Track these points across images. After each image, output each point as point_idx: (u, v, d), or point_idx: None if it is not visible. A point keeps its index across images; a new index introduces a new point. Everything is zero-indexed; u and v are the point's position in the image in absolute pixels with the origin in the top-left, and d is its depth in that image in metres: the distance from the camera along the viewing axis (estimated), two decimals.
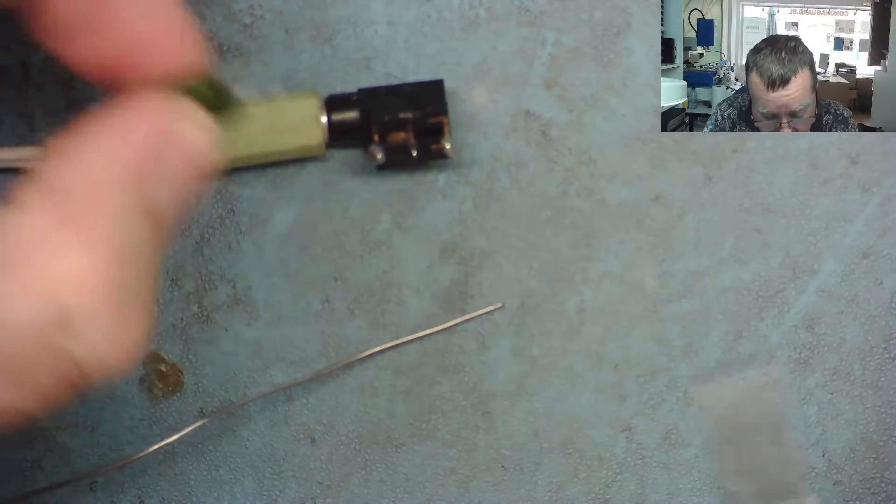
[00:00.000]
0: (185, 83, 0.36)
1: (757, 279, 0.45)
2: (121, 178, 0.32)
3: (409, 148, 0.42)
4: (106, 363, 0.31)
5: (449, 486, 0.45)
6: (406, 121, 0.42)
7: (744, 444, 0.39)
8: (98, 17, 0.34)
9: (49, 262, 0.30)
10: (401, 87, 0.43)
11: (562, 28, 0.44)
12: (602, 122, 0.44)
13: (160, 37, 0.35)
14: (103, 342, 0.31)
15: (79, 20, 0.34)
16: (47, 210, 0.31)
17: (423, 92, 0.42)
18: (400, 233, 0.44)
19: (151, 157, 0.33)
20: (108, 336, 0.31)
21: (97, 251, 0.31)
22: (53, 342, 0.30)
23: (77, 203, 0.31)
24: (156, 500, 0.44)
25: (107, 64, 0.35)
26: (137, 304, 0.32)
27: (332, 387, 0.44)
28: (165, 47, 0.35)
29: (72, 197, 0.31)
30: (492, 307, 0.44)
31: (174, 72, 0.35)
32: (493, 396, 0.45)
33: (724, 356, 0.45)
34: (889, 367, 0.45)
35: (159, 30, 0.35)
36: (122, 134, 0.33)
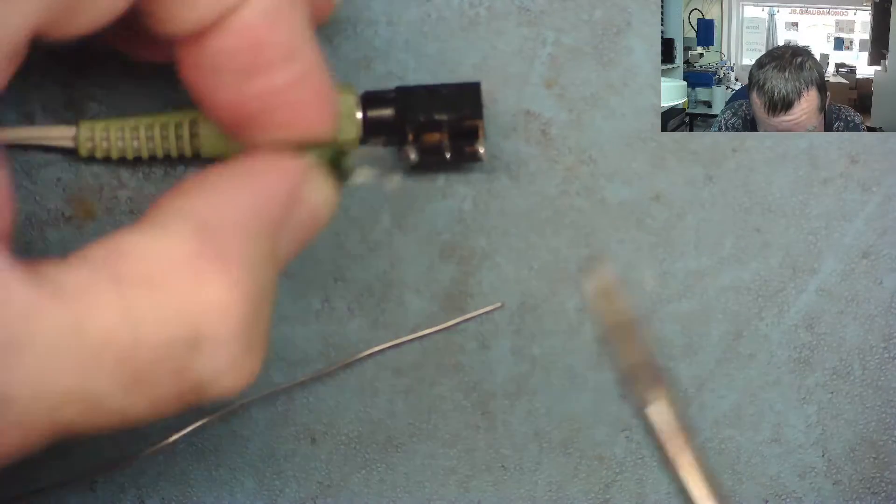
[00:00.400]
0: (316, 147, 0.37)
1: (757, 279, 0.45)
2: (260, 227, 0.34)
3: (443, 149, 0.42)
4: (223, 387, 0.33)
5: (449, 486, 0.45)
6: (441, 122, 0.42)
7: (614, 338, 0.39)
8: (255, 68, 0.35)
9: (191, 288, 0.32)
10: (438, 88, 0.42)
11: (562, 28, 0.44)
12: (602, 121, 0.44)
13: (307, 100, 0.36)
14: (227, 369, 0.33)
15: (235, 68, 0.35)
16: (191, 240, 0.33)
17: (459, 94, 0.42)
18: (400, 233, 0.44)
19: (285, 213, 0.36)
20: (232, 364, 0.33)
21: (236, 287, 0.33)
22: (181, 362, 0.32)
23: (221, 240, 0.33)
24: (156, 500, 0.44)
25: (248, 115, 0.36)
26: (259, 339, 0.34)
27: (332, 387, 0.44)
28: (310, 111, 0.37)
29: (217, 234, 0.33)
30: (492, 307, 0.44)
31: (309, 135, 0.37)
32: (493, 396, 0.45)
33: (724, 356, 0.45)
34: (889, 366, 0.45)
35: (308, 94, 0.36)
36: (264, 188, 0.36)
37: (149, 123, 0.42)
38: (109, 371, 0.31)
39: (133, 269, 0.32)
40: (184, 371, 0.32)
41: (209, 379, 0.33)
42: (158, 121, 0.42)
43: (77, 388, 0.31)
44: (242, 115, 0.36)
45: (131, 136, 0.42)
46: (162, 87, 0.44)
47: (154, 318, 0.32)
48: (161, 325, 0.32)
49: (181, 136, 0.42)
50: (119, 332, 0.31)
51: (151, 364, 0.32)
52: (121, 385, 0.31)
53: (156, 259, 0.32)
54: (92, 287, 0.31)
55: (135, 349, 0.31)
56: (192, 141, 0.42)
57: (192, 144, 0.42)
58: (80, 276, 0.32)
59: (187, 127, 0.42)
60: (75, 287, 0.31)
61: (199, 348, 0.32)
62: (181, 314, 0.32)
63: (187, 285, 0.32)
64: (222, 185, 0.35)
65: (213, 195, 0.35)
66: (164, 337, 0.32)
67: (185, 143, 0.42)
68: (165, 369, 0.32)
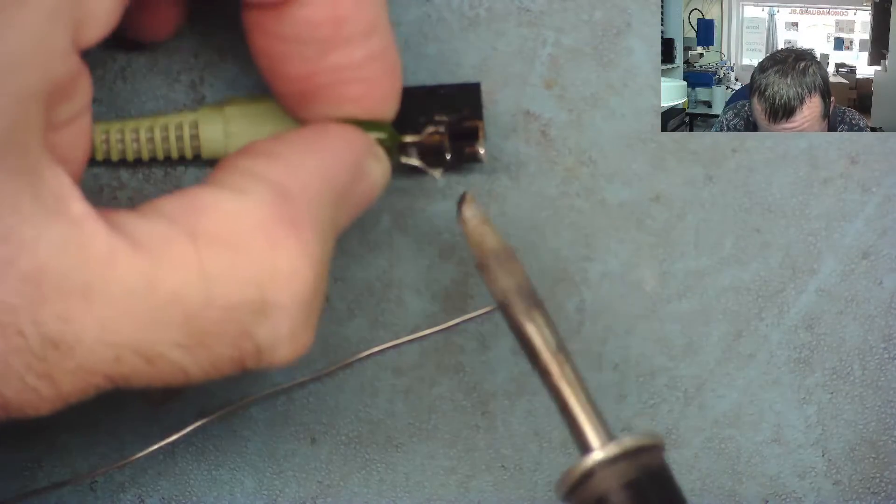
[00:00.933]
0: (374, 123, 0.38)
1: (757, 279, 0.45)
2: (330, 195, 0.35)
3: (444, 150, 0.42)
4: (278, 357, 0.34)
5: (449, 486, 0.45)
6: (441, 123, 0.42)
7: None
8: (336, 41, 0.36)
9: (265, 254, 0.32)
10: (437, 89, 0.42)
11: (562, 28, 0.44)
12: (602, 122, 0.44)
13: (379, 77, 0.37)
14: (285, 338, 0.33)
15: (316, 39, 0.36)
16: (269, 204, 0.33)
17: (459, 95, 0.42)
18: (400, 233, 0.44)
19: (350, 184, 0.36)
20: (291, 334, 0.33)
21: (306, 256, 0.33)
22: (245, 327, 0.32)
23: (297, 207, 0.33)
24: (156, 500, 0.44)
25: (319, 88, 0.37)
26: (316, 312, 0.34)
27: (332, 387, 0.44)
28: (380, 88, 0.38)
29: (293, 200, 0.33)
30: (491, 307, 0.44)
31: (375, 113, 0.38)
32: (493, 396, 0.45)
33: (724, 356, 0.45)
34: (889, 366, 0.45)
35: (380, 70, 0.37)
36: (336, 157, 0.36)
37: (149, 125, 0.42)
38: (175, 327, 0.31)
39: (211, 228, 0.32)
40: (245, 336, 0.33)
41: (268, 346, 0.33)
42: (158, 122, 0.42)
43: (141, 341, 0.31)
44: (313, 87, 0.37)
45: (131, 137, 0.42)
46: (161, 88, 0.44)
47: (227, 280, 0.32)
48: (233, 288, 0.32)
49: (181, 138, 0.42)
50: (191, 289, 0.31)
51: (216, 325, 0.32)
52: (183, 343, 0.32)
53: (234, 220, 0.32)
54: (169, 241, 0.32)
55: (204, 308, 0.32)
56: (192, 142, 0.42)
57: (192, 146, 0.42)
58: (157, 228, 0.32)
59: (187, 128, 0.42)
60: (152, 239, 0.32)
61: (264, 314, 0.33)
62: (253, 278, 0.32)
63: (262, 250, 0.32)
64: (297, 150, 0.36)
65: (288, 160, 0.35)
66: (234, 299, 0.32)
67: (186, 145, 0.42)
68: (229, 332, 0.32)
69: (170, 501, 0.44)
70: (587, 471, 0.36)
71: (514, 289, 0.38)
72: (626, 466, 0.36)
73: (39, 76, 0.30)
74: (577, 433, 0.37)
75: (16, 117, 0.29)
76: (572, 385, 0.37)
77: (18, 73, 0.29)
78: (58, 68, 0.30)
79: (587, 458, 0.36)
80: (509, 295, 0.38)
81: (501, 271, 0.38)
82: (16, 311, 0.30)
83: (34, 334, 0.30)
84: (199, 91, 0.44)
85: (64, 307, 0.30)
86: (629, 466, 0.36)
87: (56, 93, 0.31)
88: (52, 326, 0.30)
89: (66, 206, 0.31)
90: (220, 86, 0.44)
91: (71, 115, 0.32)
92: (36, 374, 0.30)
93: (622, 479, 0.35)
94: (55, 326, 0.30)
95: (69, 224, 0.30)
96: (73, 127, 0.32)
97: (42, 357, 0.30)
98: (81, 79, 0.32)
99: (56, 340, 0.30)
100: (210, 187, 0.34)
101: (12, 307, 0.30)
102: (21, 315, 0.30)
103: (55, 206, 0.30)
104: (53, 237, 0.30)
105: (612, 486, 0.35)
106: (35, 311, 0.30)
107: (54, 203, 0.30)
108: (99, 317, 0.31)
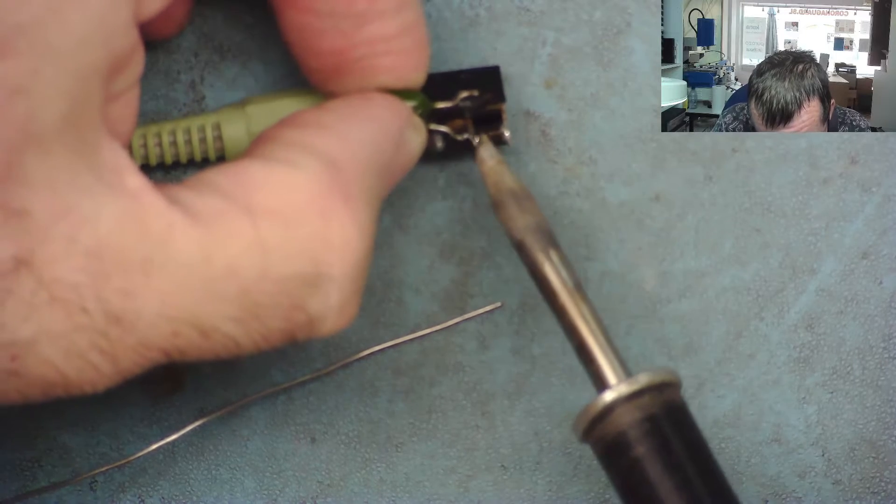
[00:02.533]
0: (406, 91, 0.39)
1: (757, 279, 0.45)
2: (379, 164, 0.35)
3: (469, 135, 0.42)
4: (328, 327, 0.34)
5: (449, 486, 0.45)
6: (464, 108, 0.42)
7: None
8: (371, 15, 0.37)
9: (319, 226, 0.33)
10: (458, 74, 0.42)
11: (562, 28, 0.44)
12: (602, 121, 0.44)
13: (411, 48, 0.38)
14: (335, 309, 0.34)
15: (352, 13, 0.37)
16: (322, 177, 0.33)
17: (480, 79, 0.42)
18: (400, 233, 0.44)
19: (394, 153, 0.37)
20: (341, 305, 0.34)
21: (358, 227, 0.33)
22: (298, 299, 0.33)
23: (347, 178, 0.34)
24: (156, 500, 0.44)
25: (352, 61, 0.37)
26: (362, 283, 0.34)
27: (332, 387, 0.44)
28: (412, 59, 0.38)
29: (343, 171, 0.34)
30: (491, 307, 0.44)
31: (407, 82, 0.38)
32: (493, 396, 0.45)
33: (724, 356, 0.45)
34: (888, 366, 0.45)
35: (412, 42, 0.38)
36: (383, 126, 0.37)
37: (171, 129, 0.42)
38: (231, 300, 0.32)
39: (266, 202, 0.32)
40: (298, 308, 0.33)
41: (318, 317, 0.34)
42: (181, 125, 0.42)
43: (197, 315, 0.31)
44: (348, 61, 0.37)
45: (154, 142, 0.42)
46: (161, 88, 0.44)
47: (282, 253, 0.32)
48: (288, 260, 0.32)
49: (204, 140, 0.42)
50: (247, 262, 0.32)
51: (270, 298, 0.32)
52: (237, 316, 0.32)
53: (288, 194, 0.33)
54: (225, 215, 0.32)
55: (259, 281, 0.32)
56: (216, 144, 0.42)
57: (215, 147, 0.42)
58: (211, 201, 0.32)
59: (210, 130, 0.42)
60: (209, 213, 0.32)
61: (317, 286, 0.33)
62: (307, 251, 0.33)
63: (315, 223, 0.33)
64: (344, 120, 0.36)
65: (337, 131, 0.35)
66: (289, 272, 0.32)
67: (209, 147, 0.42)
68: (282, 304, 0.33)
69: (170, 501, 0.44)
70: (606, 407, 0.35)
71: (531, 227, 0.38)
72: (646, 402, 0.35)
73: (102, 53, 0.30)
74: (594, 371, 0.37)
75: (78, 95, 0.29)
76: (589, 323, 0.37)
77: (83, 52, 0.29)
78: (119, 43, 0.30)
79: (605, 395, 0.35)
80: (526, 233, 0.38)
81: (518, 210, 0.38)
82: (79, 288, 0.30)
83: (98, 311, 0.30)
84: (198, 91, 0.44)
85: (126, 282, 0.30)
86: (648, 402, 0.35)
87: (115, 67, 0.31)
88: (115, 302, 0.30)
89: (124, 180, 0.31)
90: (220, 86, 0.44)
91: (124, 88, 0.32)
92: (99, 350, 0.31)
93: (641, 414, 0.35)
94: (118, 302, 0.30)
95: (128, 198, 0.31)
96: (124, 99, 0.33)
97: (105, 334, 0.30)
98: (137, 52, 0.32)
99: (119, 316, 0.30)
100: (260, 160, 0.34)
101: (75, 285, 0.30)
102: (84, 292, 0.30)
103: (113, 181, 0.30)
104: (113, 212, 0.30)
105: (631, 422, 0.35)
106: (99, 288, 0.30)
107: (112, 177, 0.30)
108: (159, 291, 0.31)
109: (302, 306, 0.33)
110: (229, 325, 0.32)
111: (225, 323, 0.32)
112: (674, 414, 0.36)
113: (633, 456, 0.35)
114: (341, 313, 0.34)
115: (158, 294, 0.31)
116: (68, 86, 0.29)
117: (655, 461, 0.35)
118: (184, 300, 0.31)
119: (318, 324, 0.34)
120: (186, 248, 0.31)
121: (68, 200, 0.29)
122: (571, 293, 0.37)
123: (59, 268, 0.29)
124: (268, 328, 0.33)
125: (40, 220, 0.29)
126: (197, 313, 0.31)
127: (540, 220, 0.38)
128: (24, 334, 0.30)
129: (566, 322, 0.37)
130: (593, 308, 0.37)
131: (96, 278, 0.30)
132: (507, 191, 0.38)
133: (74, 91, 0.29)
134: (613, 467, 0.36)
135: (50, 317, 0.30)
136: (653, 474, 0.35)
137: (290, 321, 0.33)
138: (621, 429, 0.35)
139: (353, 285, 0.34)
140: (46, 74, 0.29)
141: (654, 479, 0.35)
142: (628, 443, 0.35)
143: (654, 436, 0.35)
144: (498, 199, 0.38)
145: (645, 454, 0.35)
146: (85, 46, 0.29)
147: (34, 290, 0.29)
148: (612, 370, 0.36)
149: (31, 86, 0.28)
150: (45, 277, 0.29)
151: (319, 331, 0.34)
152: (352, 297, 0.34)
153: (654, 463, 0.35)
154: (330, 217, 0.33)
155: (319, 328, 0.34)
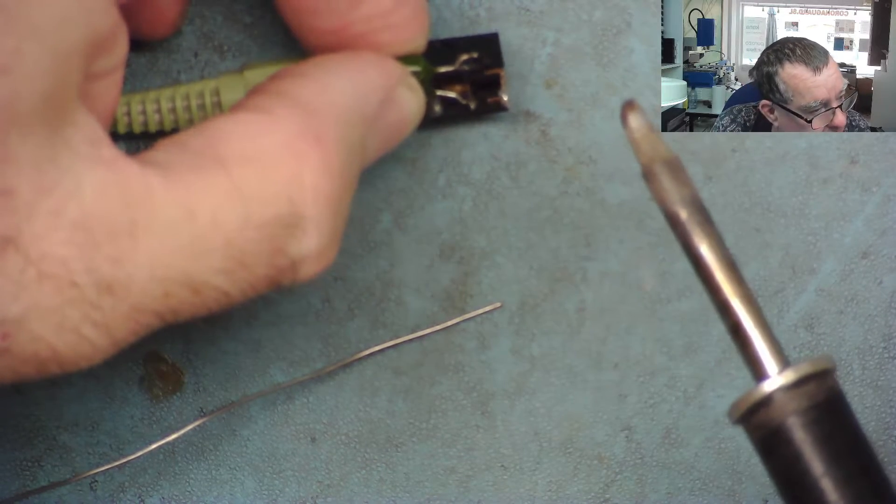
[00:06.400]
0: (407, 56, 0.39)
1: (757, 279, 0.45)
2: (357, 116, 0.36)
3: (467, 101, 0.42)
4: (307, 271, 0.34)
5: (449, 486, 0.45)
6: (463, 74, 0.42)
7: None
8: None
9: (292, 168, 0.33)
10: (455, 41, 0.43)
11: (562, 28, 0.44)
12: (602, 121, 0.44)
13: (409, 18, 0.38)
14: (315, 252, 0.34)
15: None
16: (292, 120, 0.34)
17: (478, 45, 0.42)
18: (400, 233, 0.44)
19: (380, 110, 0.37)
20: (319, 248, 0.34)
21: (332, 169, 0.34)
22: (279, 243, 0.33)
23: (321, 121, 0.34)
24: (156, 500, 0.44)
25: (351, 38, 0.38)
26: (340, 228, 0.35)
27: (332, 386, 0.44)
28: (410, 28, 0.39)
29: (317, 115, 0.34)
30: (491, 307, 0.44)
31: (406, 48, 0.39)
32: (493, 396, 0.45)
33: (724, 356, 0.45)
34: (888, 366, 0.45)
35: (409, 11, 0.38)
36: (365, 80, 0.37)
37: (170, 94, 0.42)
38: (218, 252, 0.32)
39: (236, 150, 0.33)
40: (279, 252, 0.33)
41: (299, 260, 0.34)
42: (179, 91, 0.42)
43: (187, 272, 0.32)
44: (345, 38, 0.38)
45: (153, 108, 0.42)
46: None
47: (260, 197, 0.33)
48: (267, 204, 0.33)
49: (203, 106, 0.42)
50: (228, 212, 0.32)
51: (255, 244, 0.33)
52: (225, 268, 0.32)
53: (259, 139, 0.33)
54: (198, 169, 0.32)
55: (242, 230, 0.32)
56: (214, 110, 0.42)
57: (213, 113, 0.42)
58: (184, 158, 0.32)
59: (209, 96, 0.42)
60: (183, 170, 0.32)
61: (296, 227, 0.33)
62: (284, 193, 0.33)
63: (289, 164, 0.33)
64: (325, 71, 0.36)
65: (316, 79, 0.35)
66: (269, 215, 0.33)
67: (208, 112, 0.42)
68: (265, 250, 0.33)
69: (170, 501, 0.44)
70: (764, 398, 0.34)
71: (687, 199, 0.36)
72: (807, 392, 0.34)
73: (81, 33, 0.30)
74: (751, 357, 0.35)
75: (59, 73, 0.30)
76: (748, 305, 0.35)
77: (63, 31, 0.30)
78: (99, 22, 0.31)
79: (765, 385, 0.34)
80: (681, 206, 0.36)
81: (672, 180, 0.36)
82: (67, 262, 0.30)
83: (88, 283, 0.30)
84: None
85: (114, 249, 0.30)
86: (810, 392, 0.34)
87: (96, 46, 0.31)
88: (105, 270, 0.30)
89: (101, 152, 0.31)
90: None
91: (107, 69, 0.32)
92: (92, 322, 0.31)
93: (806, 403, 0.34)
94: (108, 270, 0.30)
95: (106, 167, 0.31)
96: (109, 80, 0.33)
97: (97, 304, 0.30)
98: (120, 33, 0.32)
99: (110, 284, 0.30)
100: (231, 114, 0.34)
101: (64, 259, 0.30)
102: (73, 265, 0.30)
103: (90, 153, 0.31)
104: (94, 182, 0.30)
105: (791, 413, 0.34)
106: (88, 258, 0.30)
107: (89, 149, 0.31)
108: (147, 253, 0.31)
109: (283, 249, 0.33)
110: (218, 277, 0.32)
111: (214, 276, 0.32)
112: (834, 405, 0.35)
113: (796, 446, 0.34)
114: (320, 256, 0.34)
115: (147, 256, 0.31)
116: (49, 64, 0.29)
117: (820, 452, 0.34)
118: (173, 259, 0.31)
119: (299, 266, 0.34)
120: (168, 208, 0.31)
121: (52, 176, 0.30)
122: (728, 273, 0.36)
123: (47, 243, 0.30)
124: (254, 275, 0.33)
125: (25, 197, 0.29)
126: (187, 270, 0.32)
127: (694, 193, 0.36)
128: (14, 312, 0.30)
129: (720, 300, 0.35)
130: (749, 289, 0.36)
131: (85, 249, 0.30)
132: (660, 160, 0.36)
133: (55, 69, 0.29)
134: (774, 457, 0.35)
135: (40, 293, 0.30)
136: (815, 468, 0.34)
137: (273, 266, 0.33)
138: (784, 418, 0.34)
139: (329, 226, 0.34)
140: (28, 53, 0.29)
141: (816, 472, 0.34)
142: (791, 432, 0.34)
143: (818, 425, 0.34)
144: (650, 169, 0.36)
145: (809, 445, 0.34)
146: (65, 25, 0.29)
147: (22, 267, 0.29)
148: (773, 355, 0.35)
149: (14, 65, 0.29)
150: (32, 254, 0.29)
151: (301, 274, 0.34)
152: (330, 240, 0.34)
153: (818, 455, 0.34)
154: (302, 158, 0.33)
155: (301, 271, 0.34)
